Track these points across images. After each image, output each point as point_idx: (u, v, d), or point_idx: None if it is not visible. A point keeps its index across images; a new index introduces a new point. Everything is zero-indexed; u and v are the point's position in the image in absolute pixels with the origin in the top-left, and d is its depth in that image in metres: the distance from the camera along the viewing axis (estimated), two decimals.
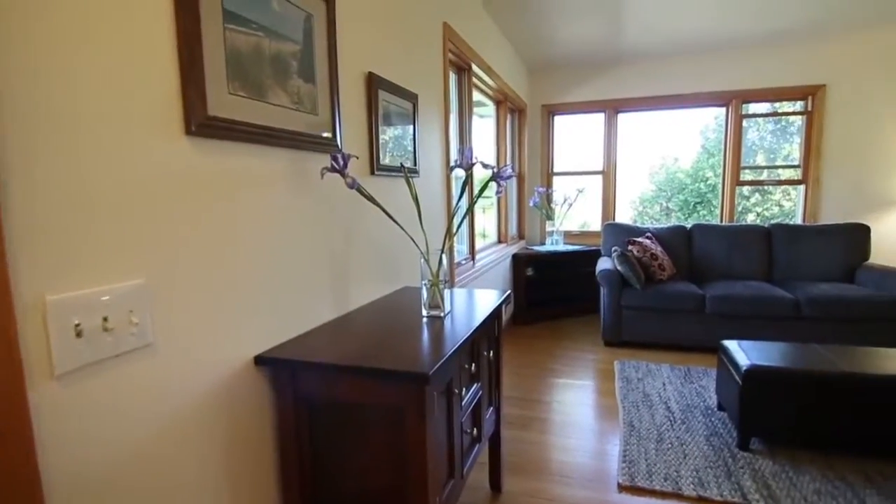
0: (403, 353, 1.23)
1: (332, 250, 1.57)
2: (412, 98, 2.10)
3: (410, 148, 2.12)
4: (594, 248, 4.64)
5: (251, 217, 1.21)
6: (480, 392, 1.64)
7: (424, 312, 1.55)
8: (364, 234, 1.76)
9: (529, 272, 4.47)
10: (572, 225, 5.23)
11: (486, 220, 4.34)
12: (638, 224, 4.45)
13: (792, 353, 2.40)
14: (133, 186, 0.90)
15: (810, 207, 4.48)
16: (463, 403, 1.46)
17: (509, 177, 1.52)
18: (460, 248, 3.26)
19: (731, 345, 2.53)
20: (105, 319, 0.85)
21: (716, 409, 2.68)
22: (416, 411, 1.12)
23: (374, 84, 1.78)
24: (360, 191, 1.42)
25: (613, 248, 3.95)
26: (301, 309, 1.41)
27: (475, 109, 4.17)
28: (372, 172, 1.79)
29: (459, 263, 3.04)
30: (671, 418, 2.58)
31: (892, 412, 2.09)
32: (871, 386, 2.12)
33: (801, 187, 4.58)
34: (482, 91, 3.76)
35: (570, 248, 4.72)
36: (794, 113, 4.65)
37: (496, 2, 3.21)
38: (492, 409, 1.84)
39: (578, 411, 2.74)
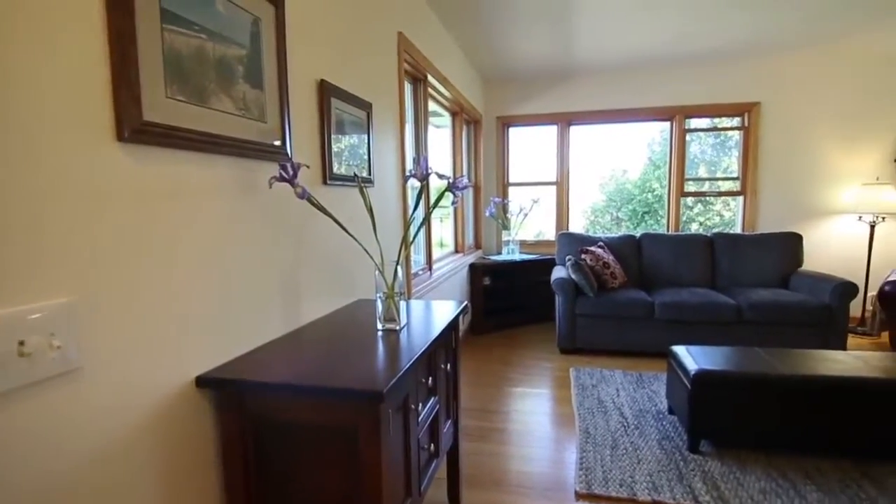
0: (357, 369, 1.18)
1: (283, 263, 1.50)
2: (366, 107, 2.07)
3: (365, 157, 2.08)
4: (549, 257, 4.71)
5: (193, 229, 1.14)
6: (438, 406, 1.61)
7: (380, 326, 1.51)
8: (317, 246, 1.71)
9: (486, 282, 4.49)
10: (527, 234, 5.30)
11: (443, 229, 4.33)
12: (590, 233, 4.56)
13: (736, 357, 2.50)
14: (56, 196, 0.82)
15: (749, 217, 4.73)
16: (420, 419, 1.43)
17: (465, 187, 1.51)
18: (417, 258, 3.23)
19: (680, 350, 2.62)
20: (21, 343, 0.77)
21: (667, 412, 2.75)
22: (371, 430, 1.07)
23: (326, 92, 1.73)
24: (311, 201, 1.37)
25: (567, 257, 4.02)
26: (249, 325, 1.34)
27: (431, 120, 4.17)
28: (324, 182, 1.74)
29: (416, 274, 3.01)
30: (625, 424, 2.63)
31: (827, 411, 2.21)
32: (807, 387, 2.24)
33: (740, 198, 4.84)
34: (438, 102, 3.76)
35: (525, 257, 4.78)
36: (732, 128, 4.92)
37: (451, 14, 3.23)
38: (450, 422, 1.81)
39: (536, 420, 2.75)
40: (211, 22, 1.16)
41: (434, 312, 1.77)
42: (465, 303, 1.85)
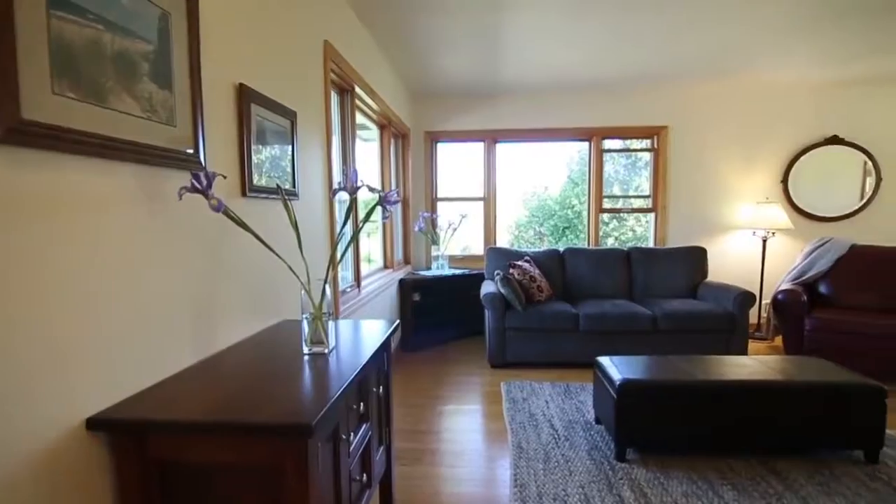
0: (281, 400, 1.07)
1: (196, 283, 1.35)
2: (290, 115, 1.95)
3: (289, 169, 1.96)
4: (478, 271, 4.75)
5: (86, 245, 0.98)
6: (370, 432, 1.51)
7: (306, 349, 1.40)
8: (237, 263, 1.57)
9: (416, 297, 4.43)
10: (456, 249, 5.32)
11: (371, 245, 4.23)
12: (515, 248, 4.66)
13: (655, 366, 2.62)
14: None
15: (660, 232, 5.07)
16: (351, 449, 1.33)
17: (396, 201, 1.45)
18: (345, 274, 3.11)
19: (605, 360, 2.70)
20: None
21: (594, 422, 2.82)
22: (297, 469, 0.97)
23: (246, 97, 1.61)
24: (228, 214, 1.25)
25: (496, 272, 4.07)
26: (153, 354, 1.18)
27: (359, 133, 4.08)
28: (244, 194, 1.61)
29: (344, 291, 2.88)
30: (556, 436, 2.66)
31: (736, 413, 2.37)
32: (718, 391, 2.38)
33: (652, 214, 5.17)
34: (366, 114, 3.69)
35: (455, 272, 4.78)
36: (643, 149, 5.26)
37: (381, 28, 3.19)
38: (382, 448, 1.72)
39: (469, 438, 2.71)
40: (109, 11, 1.02)
41: (365, 333, 1.68)
42: (397, 322, 1.78)
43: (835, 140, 4.80)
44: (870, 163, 4.80)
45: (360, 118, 3.70)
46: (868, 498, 2.05)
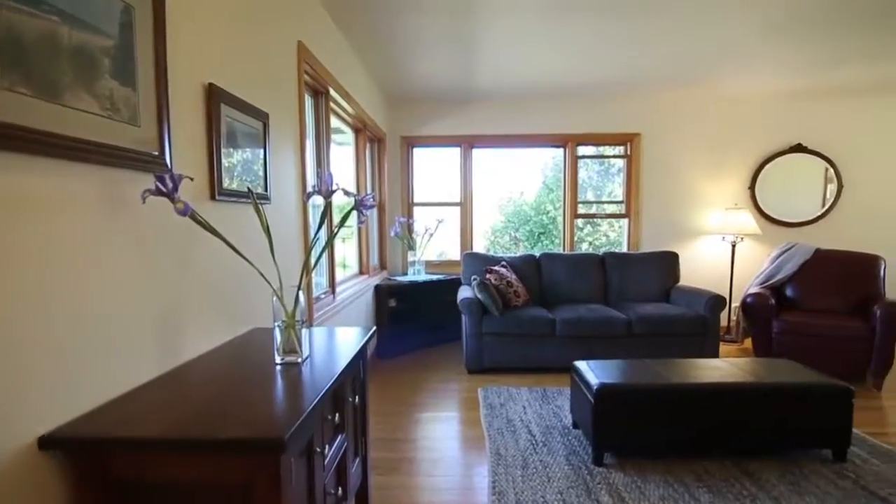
0: (252, 413, 1.02)
1: (162, 290, 1.29)
2: (262, 117, 1.90)
3: (261, 172, 1.90)
4: (454, 276, 4.73)
5: (39, 252, 0.92)
6: (346, 444, 1.47)
7: (278, 359, 1.34)
8: (206, 270, 1.50)
9: (392, 303, 4.37)
10: (433, 254, 5.29)
11: (346, 250, 4.16)
12: (491, 253, 4.65)
13: (631, 370, 2.64)
14: None
15: (633, 237, 5.14)
16: (326, 462, 1.28)
17: (372, 206, 1.42)
18: (319, 280, 3.04)
19: (582, 365, 2.70)
20: None
21: (571, 427, 2.82)
22: (269, 487, 0.92)
23: (216, 97, 1.55)
24: (196, 218, 1.19)
25: (473, 277, 4.05)
26: (114, 365, 1.11)
27: (334, 136, 4.02)
28: (213, 197, 1.55)
29: (318, 298, 2.82)
30: (533, 441, 2.65)
31: (710, 415, 2.40)
32: (693, 394, 2.41)
33: (625, 220, 5.25)
34: (341, 118, 3.64)
35: (431, 277, 4.74)
36: (617, 156, 5.35)
37: (356, 31, 3.15)
38: (358, 459, 1.67)
39: (446, 446, 2.68)
40: (66, 3, 0.96)
41: (340, 341, 1.63)
42: (373, 329, 1.73)
43: (799, 148, 4.96)
44: (831, 170, 4.98)
45: (335, 122, 3.65)
46: (837, 496, 2.10)
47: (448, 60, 3.80)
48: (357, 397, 1.57)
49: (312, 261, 1.61)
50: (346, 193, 1.43)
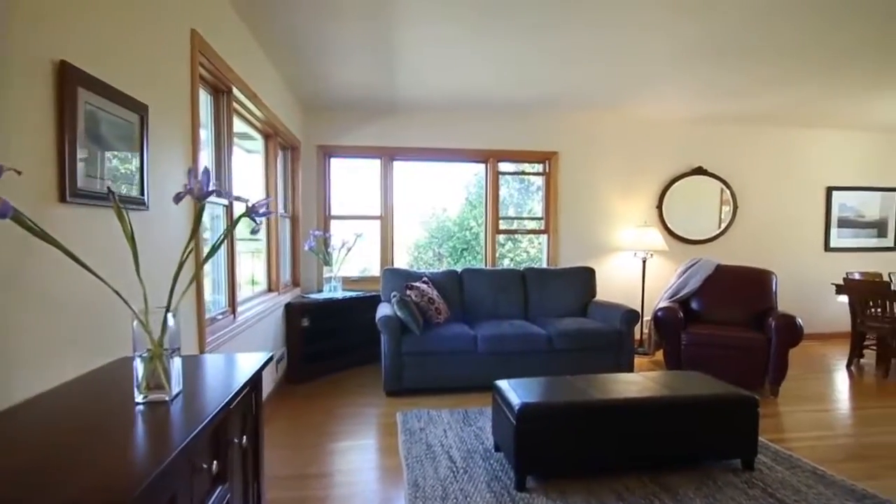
0: (92, 469, 0.79)
1: None
2: (140, 109, 1.62)
3: (137, 173, 1.62)
4: (374, 293, 4.51)
5: None
6: (228, 496, 1.22)
7: (140, 397, 1.09)
8: (48, 289, 1.21)
9: (305, 323, 4.07)
10: (352, 270, 5.04)
11: (255, 265, 3.82)
12: (415, 269, 4.49)
13: (552, 388, 2.58)
14: None
15: (552, 253, 5.23)
16: None
17: (266, 214, 1.21)
18: (217, 299, 2.72)
19: (503, 384, 2.61)
20: None
21: (493, 450, 2.71)
22: None
23: (71, 78, 1.28)
24: (21, 221, 0.93)
25: (393, 294, 3.87)
26: None
27: (242, 143, 3.69)
28: (63, 199, 1.26)
29: (215, 319, 2.50)
30: (454, 469, 2.50)
31: (627, 431, 2.38)
32: (611, 410, 2.39)
33: (545, 236, 5.33)
34: (248, 121, 3.34)
35: (349, 294, 4.49)
36: (536, 173, 5.43)
37: (262, 27, 2.90)
38: None
39: (362, 480, 2.45)
40: None
41: (226, 370, 1.39)
42: (270, 355, 1.50)
43: (700, 171, 5.33)
44: (727, 192, 5.39)
45: (243, 126, 3.35)
46: None
47: (367, 68, 3.64)
48: (246, 437, 1.33)
49: (187, 276, 1.36)
50: (238, 199, 1.22)
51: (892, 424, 3.13)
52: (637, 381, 2.69)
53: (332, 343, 4.26)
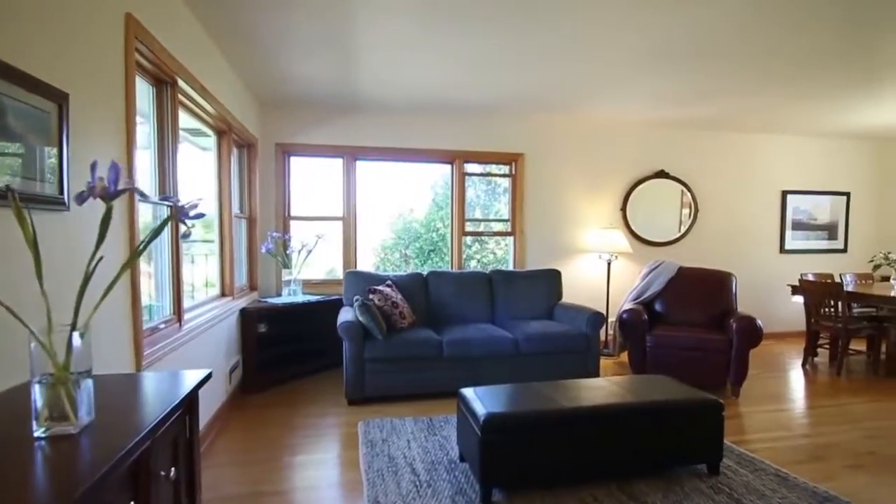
0: None
1: None
2: (57, 97, 1.44)
3: (55, 170, 1.44)
4: (337, 297, 4.34)
5: None
6: None
7: (38, 431, 0.93)
8: None
9: (262, 329, 3.87)
10: (316, 273, 4.85)
11: (209, 268, 3.60)
12: (381, 271, 4.35)
13: (519, 395, 2.50)
14: None
15: (519, 255, 5.18)
16: None
17: (196, 216, 1.07)
18: (161, 305, 2.51)
19: (469, 393, 2.51)
20: None
21: (458, 460, 2.61)
22: None
23: None
24: None
25: (355, 298, 3.73)
26: None
27: (196, 139, 3.47)
28: None
29: (156, 328, 2.30)
30: (417, 483, 2.38)
31: (594, 438, 2.32)
32: (582, 417, 2.32)
33: (511, 238, 5.28)
34: (198, 116, 3.13)
35: (309, 298, 4.31)
36: (503, 175, 5.37)
37: (212, 18, 2.69)
38: None
39: (320, 497, 2.31)
40: None
41: (156, 391, 1.24)
42: (209, 371, 1.35)
43: (662, 174, 5.39)
44: (688, 195, 5.47)
45: (193, 122, 3.14)
46: None
47: (327, 65, 3.49)
48: (172, 470, 1.18)
49: (101, 288, 1.20)
50: (164, 199, 1.07)
51: (846, 423, 3.20)
52: (604, 387, 2.64)
53: (291, 350, 4.07)
